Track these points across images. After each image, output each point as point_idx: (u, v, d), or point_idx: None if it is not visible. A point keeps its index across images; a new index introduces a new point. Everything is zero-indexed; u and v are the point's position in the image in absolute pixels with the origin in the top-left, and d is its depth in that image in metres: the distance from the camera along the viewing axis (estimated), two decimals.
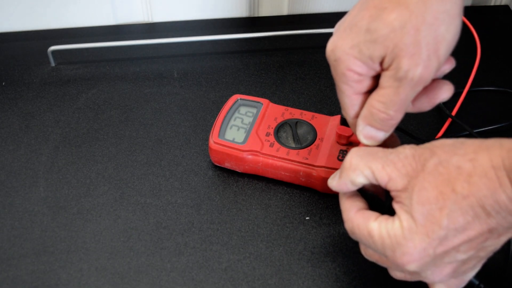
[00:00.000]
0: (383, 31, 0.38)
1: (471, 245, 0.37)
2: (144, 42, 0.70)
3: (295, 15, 0.79)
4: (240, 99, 0.59)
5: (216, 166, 0.57)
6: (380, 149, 0.41)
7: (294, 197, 0.55)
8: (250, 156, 0.54)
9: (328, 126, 0.56)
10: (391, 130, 0.43)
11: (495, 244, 0.38)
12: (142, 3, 0.75)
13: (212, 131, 0.56)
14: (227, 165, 0.56)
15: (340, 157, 0.53)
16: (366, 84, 0.42)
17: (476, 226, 0.36)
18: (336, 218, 0.53)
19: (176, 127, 0.62)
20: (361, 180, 0.41)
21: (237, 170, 0.56)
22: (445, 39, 0.38)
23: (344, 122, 0.55)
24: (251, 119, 0.57)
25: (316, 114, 0.58)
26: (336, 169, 0.52)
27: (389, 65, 0.39)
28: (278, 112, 0.58)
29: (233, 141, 0.55)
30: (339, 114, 0.56)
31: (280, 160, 0.54)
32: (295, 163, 0.54)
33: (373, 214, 0.41)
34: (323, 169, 0.53)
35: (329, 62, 0.42)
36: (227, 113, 0.58)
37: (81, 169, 0.57)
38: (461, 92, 0.64)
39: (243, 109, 0.58)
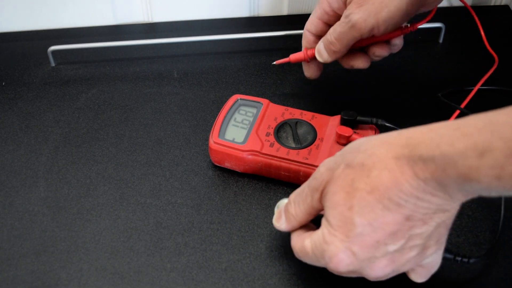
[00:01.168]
0: None
1: (396, 236, 0.38)
2: (144, 42, 0.70)
3: (295, 15, 0.79)
4: (240, 99, 0.59)
5: (216, 166, 0.57)
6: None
7: None
8: (250, 156, 0.54)
9: (328, 126, 0.57)
10: (333, 56, 0.54)
11: (428, 230, 0.38)
12: (142, 3, 0.75)
13: (212, 131, 0.56)
14: (227, 165, 0.56)
15: None
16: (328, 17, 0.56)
17: (389, 217, 0.37)
18: None
19: (176, 127, 0.62)
20: (304, 218, 0.44)
21: (237, 170, 0.56)
22: (387, 6, 0.49)
23: (344, 122, 0.55)
24: (251, 119, 0.57)
25: (316, 114, 0.58)
26: None
27: (347, 4, 0.52)
28: (278, 112, 0.58)
29: (233, 141, 0.55)
30: (339, 114, 0.56)
31: (280, 160, 0.54)
32: (295, 163, 0.54)
33: (307, 233, 0.43)
34: None
35: None
36: (227, 113, 0.58)
37: (81, 169, 0.57)
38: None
39: (243, 109, 0.58)
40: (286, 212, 0.45)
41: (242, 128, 0.56)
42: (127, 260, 0.50)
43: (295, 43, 0.73)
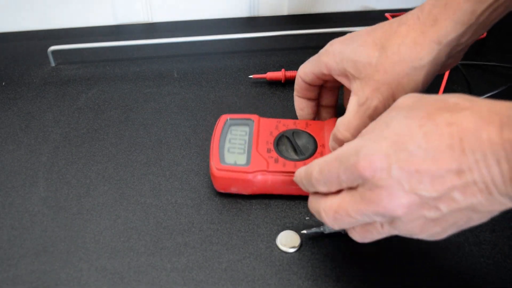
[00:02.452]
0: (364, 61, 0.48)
1: (435, 182, 0.35)
2: (144, 42, 0.70)
3: (295, 15, 0.79)
4: (229, 119, 0.57)
5: None
6: None
7: (294, 197, 0.55)
8: (258, 177, 0.52)
9: (324, 131, 0.56)
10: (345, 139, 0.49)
11: (457, 205, 0.36)
12: (142, 3, 0.75)
13: (211, 157, 0.53)
14: (233, 190, 0.54)
15: None
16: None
17: (446, 157, 0.35)
18: None
19: (176, 127, 0.62)
20: None
21: (244, 193, 0.54)
22: (404, 89, 0.46)
23: None
24: (246, 138, 0.55)
25: (309, 121, 0.57)
26: None
27: (357, 91, 0.48)
28: (271, 126, 0.56)
29: (236, 164, 0.52)
30: (331, 118, 0.56)
31: (290, 174, 0.52)
32: None
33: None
34: None
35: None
36: (221, 135, 0.55)
37: (81, 169, 0.57)
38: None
39: (235, 129, 0.56)
40: None
41: (240, 149, 0.54)
42: (127, 260, 0.50)
43: (295, 43, 0.73)
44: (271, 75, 0.66)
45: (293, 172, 0.51)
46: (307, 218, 0.53)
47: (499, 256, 0.50)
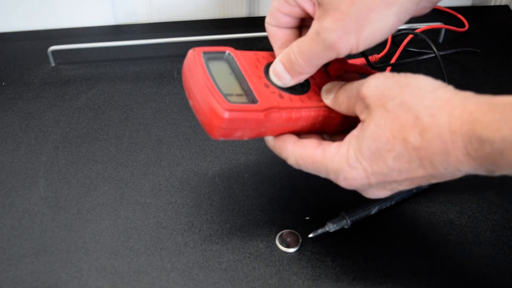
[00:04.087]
0: None
1: (413, 182, 0.39)
2: (144, 42, 0.70)
3: None
4: (204, 52, 0.46)
5: (216, 166, 0.57)
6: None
7: (294, 197, 0.55)
8: (272, 115, 0.43)
9: None
10: (297, 79, 0.44)
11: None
12: (142, 3, 0.75)
13: (211, 97, 0.42)
14: (237, 135, 0.43)
15: None
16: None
17: (420, 172, 0.38)
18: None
19: (176, 127, 0.62)
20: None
21: (247, 138, 0.44)
22: (371, 23, 0.40)
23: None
24: (233, 73, 0.45)
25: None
26: None
27: (319, 18, 0.41)
28: (252, 59, 0.47)
29: (242, 102, 0.42)
30: None
31: (300, 109, 0.44)
32: (314, 109, 0.45)
33: (312, 141, 0.43)
34: None
35: None
36: (207, 70, 0.44)
37: (81, 169, 0.57)
38: None
39: (213, 64, 0.45)
40: (335, 94, 0.44)
41: (234, 87, 0.44)
42: (127, 260, 0.50)
43: None
44: None
45: (303, 108, 0.45)
46: (307, 218, 0.53)
47: (499, 256, 0.50)
